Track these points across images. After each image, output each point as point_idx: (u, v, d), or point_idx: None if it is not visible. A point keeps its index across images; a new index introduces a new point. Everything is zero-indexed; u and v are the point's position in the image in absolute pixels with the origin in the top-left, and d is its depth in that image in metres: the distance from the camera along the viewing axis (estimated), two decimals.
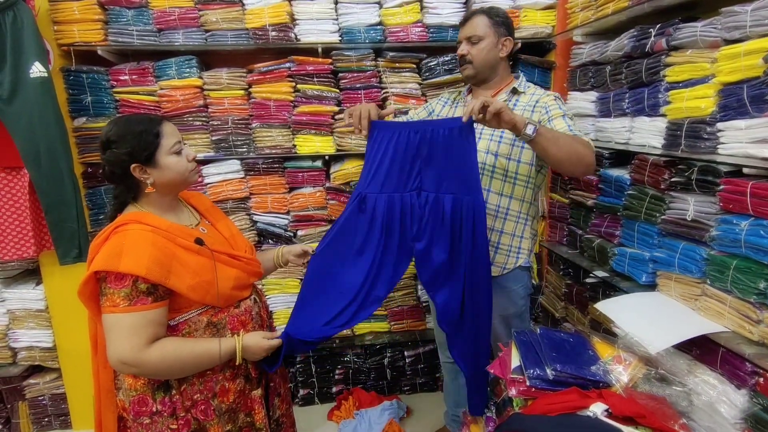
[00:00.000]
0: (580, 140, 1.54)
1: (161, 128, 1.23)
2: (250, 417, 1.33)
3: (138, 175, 1.21)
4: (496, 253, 1.77)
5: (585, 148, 1.51)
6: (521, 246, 1.77)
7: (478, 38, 1.70)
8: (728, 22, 1.33)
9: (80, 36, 2.12)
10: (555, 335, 1.48)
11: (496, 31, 1.71)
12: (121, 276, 1.11)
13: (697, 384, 1.31)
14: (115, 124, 1.23)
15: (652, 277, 1.66)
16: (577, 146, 1.49)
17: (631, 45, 1.74)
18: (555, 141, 1.44)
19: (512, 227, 1.75)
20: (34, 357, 2.32)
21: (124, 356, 1.11)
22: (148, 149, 1.20)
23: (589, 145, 1.55)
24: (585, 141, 1.56)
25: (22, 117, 1.87)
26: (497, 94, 1.76)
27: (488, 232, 1.67)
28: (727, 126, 1.33)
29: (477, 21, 1.71)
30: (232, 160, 2.33)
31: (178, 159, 1.25)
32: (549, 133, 1.45)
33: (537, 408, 1.25)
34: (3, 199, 2.08)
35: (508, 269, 1.77)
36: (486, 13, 1.72)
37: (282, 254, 1.59)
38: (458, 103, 1.89)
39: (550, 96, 1.70)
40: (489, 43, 1.71)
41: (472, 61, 1.72)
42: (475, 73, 1.74)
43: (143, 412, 1.20)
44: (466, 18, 1.75)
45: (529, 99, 1.71)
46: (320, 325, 1.42)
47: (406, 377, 2.63)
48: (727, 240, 1.32)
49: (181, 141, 1.28)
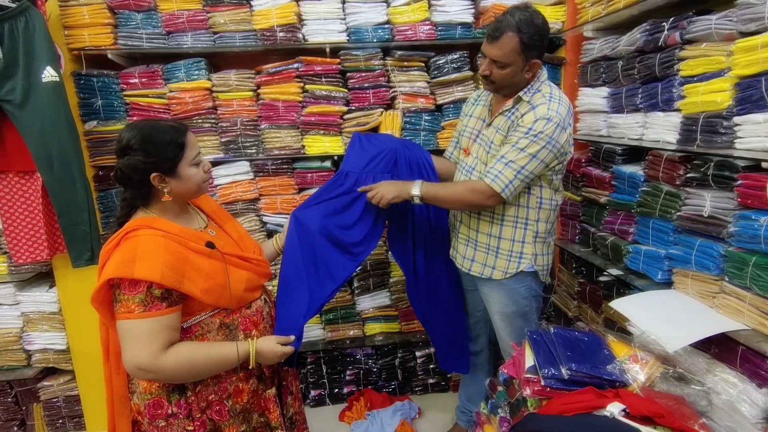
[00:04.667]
0: (467, 189, 1.63)
1: (186, 139, 1.22)
2: (264, 417, 1.33)
3: (157, 184, 1.20)
4: (496, 258, 1.75)
5: (473, 194, 1.62)
6: (523, 251, 1.73)
7: (504, 65, 1.56)
8: (744, 14, 1.30)
9: (90, 40, 2.14)
10: (569, 334, 1.47)
11: (525, 56, 1.55)
12: (136, 282, 1.11)
13: (717, 383, 1.29)
14: (138, 130, 1.20)
15: (668, 275, 1.63)
16: (463, 195, 1.64)
17: (644, 39, 1.72)
18: (439, 198, 1.67)
19: (510, 233, 1.72)
20: (48, 359, 2.34)
21: (140, 362, 1.11)
22: (172, 160, 1.20)
23: (481, 191, 1.59)
24: (477, 186, 1.60)
25: (35, 121, 1.89)
26: (509, 100, 1.67)
27: (487, 238, 1.76)
28: (745, 120, 1.30)
29: (506, 43, 1.52)
30: (242, 162, 2.33)
31: (197, 170, 1.25)
32: (433, 192, 1.66)
33: (552, 408, 1.23)
34: (17, 203, 2.10)
35: (510, 273, 1.74)
36: (518, 32, 1.51)
37: (278, 240, 1.63)
38: (480, 101, 1.86)
39: (535, 117, 1.55)
40: (515, 69, 1.57)
41: (495, 82, 1.62)
42: (496, 89, 1.69)
43: (159, 414, 1.20)
44: (494, 35, 1.54)
45: (523, 109, 1.60)
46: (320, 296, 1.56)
47: (417, 378, 2.62)
48: (745, 236, 1.30)
49: (200, 151, 1.28)
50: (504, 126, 1.66)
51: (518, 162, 1.56)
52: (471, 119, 1.85)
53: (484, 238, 1.76)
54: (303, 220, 1.63)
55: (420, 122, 2.36)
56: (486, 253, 1.76)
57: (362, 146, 1.87)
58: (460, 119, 1.95)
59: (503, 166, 1.57)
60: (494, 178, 1.58)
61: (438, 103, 2.37)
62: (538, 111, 1.56)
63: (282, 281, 1.52)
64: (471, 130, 1.83)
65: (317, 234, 1.62)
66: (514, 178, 1.57)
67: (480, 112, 1.82)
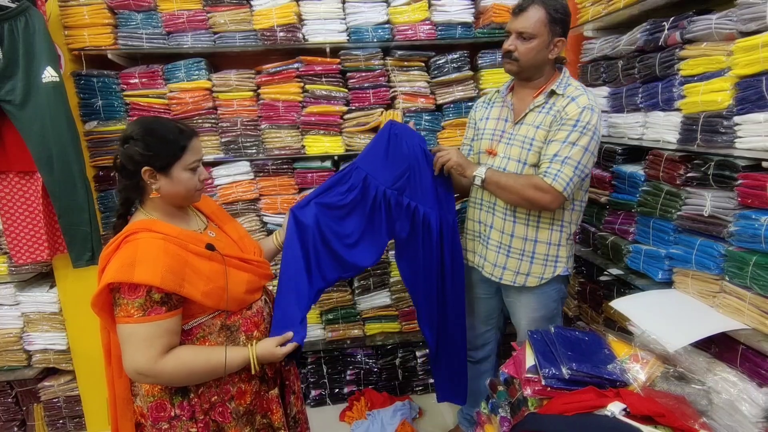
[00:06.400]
0: (531, 184, 1.55)
1: (190, 143, 1.21)
2: (266, 418, 1.32)
3: (146, 179, 1.20)
4: (531, 264, 1.68)
5: (535, 191, 1.54)
6: (559, 254, 1.68)
7: (530, 36, 1.54)
8: (744, 13, 1.31)
9: (90, 40, 2.14)
10: (570, 334, 1.47)
11: (551, 30, 1.54)
12: (135, 286, 1.10)
13: (717, 382, 1.29)
14: (144, 123, 1.21)
15: (669, 275, 1.63)
16: (525, 189, 1.56)
17: (644, 39, 1.72)
18: (501, 186, 1.60)
19: (547, 235, 1.66)
20: (49, 359, 2.34)
21: (139, 367, 1.11)
22: (167, 159, 1.19)
23: (543, 189, 1.53)
24: (540, 184, 1.53)
25: (35, 121, 1.89)
26: (538, 95, 1.62)
27: (522, 242, 1.68)
28: (745, 119, 1.31)
29: (532, 14, 1.53)
30: (242, 162, 2.33)
31: (190, 176, 1.23)
32: (496, 178, 1.60)
33: (553, 408, 1.23)
34: (17, 204, 2.10)
35: (546, 279, 1.69)
36: (545, 4, 1.53)
37: (277, 236, 1.61)
38: (494, 103, 1.79)
39: (578, 108, 1.53)
40: (540, 43, 1.54)
41: (519, 59, 1.57)
42: (519, 71, 1.62)
43: (162, 417, 1.20)
44: (522, 7, 1.55)
45: (562, 102, 1.57)
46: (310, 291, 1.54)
47: (417, 377, 2.62)
48: (745, 235, 1.30)
49: (201, 159, 1.26)
50: (544, 121, 1.59)
51: (573, 157, 1.51)
52: (489, 121, 1.77)
53: (518, 243, 1.68)
54: (301, 216, 1.59)
55: (420, 122, 2.36)
56: (519, 260, 1.69)
57: (388, 151, 1.69)
58: (472, 126, 1.88)
59: (560, 165, 1.51)
60: (554, 177, 1.52)
61: (438, 102, 2.37)
62: (580, 101, 1.53)
63: (280, 277, 1.51)
64: (492, 132, 1.75)
65: (314, 229, 1.57)
66: (573, 175, 1.52)
67: (499, 112, 1.75)
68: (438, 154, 1.66)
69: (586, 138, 1.51)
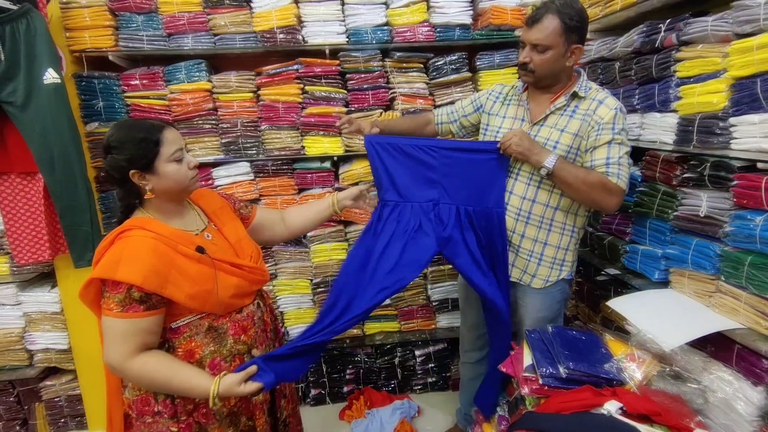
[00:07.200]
0: (601, 184, 1.48)
1: (162, 136, 1.20)
2: (251, 421, 1.33)
3: (137, 181, 1.21)
4: (539, 265, 1.69)
5: (603, 191, 1.49)
6: (565, 258, 1.69)
7: (545, 47, 1.49)
8: (740, 16, 1.32)
9: (91, 42, 2.15)
10: (567, 333, 1.48)
11: (567, 39, 1.49)
12: (117, 283, 1.13)
13: (713, 381, 1.30)
14: (117, 129, 1.22)
15: (665, 274, 1.64)
16: (595, 187, 1.49)
17: (641, 41, 1.73)
18: (570, 176, 1.51)
19: (557, 239, 1.66)
20: (50, 359, 2.36)
21: (110, 361, 1.15)
22: (146, 157, 1.19)
23: (612, 190, 1.49)
24: (610, 185, 1.49)
25: (37, 123, 1.90)
26: (556, 99, 1.59)
27: (531, 243, 1.68)
28: (740, 121, 1.31)
29: (547, 25, 1.48)
30: (242, 163, 2.34)
31: (178, 167, 1.23)
32: (566, 170, 1.51)
33: (550, 406, 1.25)
34: (19, 204, 2.11)
35: (551, 282, 1.70)
36: (559, 13, 1.47)
37: (338, 200, 1.60)
38: (510, 101, 1.74)
39: (610, 110, 1.50)
40: (556, 54, 1.50)
41: (534, 70, 1.54)
42: (535, 81, 1.59)
43: (146, 411, 1.23)
44: (535, 18, 1.50)
45: (588, 105, 1.55)
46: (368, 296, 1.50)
47: (416, 376, 2.63)
48: (741, 236, 1.31)
49: (183, 148, 1.26)
50: (570, 125, 1.56)
51: (625, 157, 1.51)
52: (506, 120, 1.72)
53: (528, 244, 1.68)
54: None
55: None
56: (527, 260, 1.70)
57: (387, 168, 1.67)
58: (476, 108, 1.84)
59: (617, 166, 1.49)
60: (618, 177, 1.49)
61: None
62: (609, 103, 1.53)
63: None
64: (508, 131, 1.68)
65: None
66: (628, 176, 1.52)
67: (515, 112, 1.71)
68: (505, 135, 1.58)
69: (625, 138, 1.52)
